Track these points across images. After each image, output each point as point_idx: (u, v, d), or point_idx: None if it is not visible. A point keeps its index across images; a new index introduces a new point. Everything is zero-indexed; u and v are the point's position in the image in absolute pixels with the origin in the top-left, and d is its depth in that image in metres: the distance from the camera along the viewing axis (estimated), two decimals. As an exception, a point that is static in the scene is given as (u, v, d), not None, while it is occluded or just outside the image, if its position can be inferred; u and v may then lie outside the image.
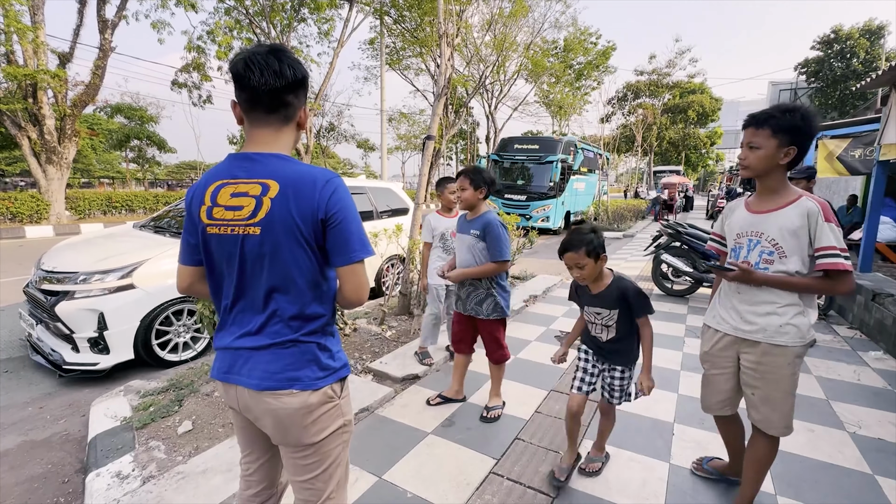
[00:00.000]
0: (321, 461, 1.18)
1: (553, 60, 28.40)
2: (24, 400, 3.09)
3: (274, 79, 1.06)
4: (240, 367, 1.14)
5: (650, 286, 6.18)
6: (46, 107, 11.73)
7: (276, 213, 1.05)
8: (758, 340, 1.64)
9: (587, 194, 16.41)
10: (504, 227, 2.53)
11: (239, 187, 1.08)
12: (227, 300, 1.15)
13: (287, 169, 1.08)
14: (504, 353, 2.71)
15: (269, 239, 1.06)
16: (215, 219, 1.09)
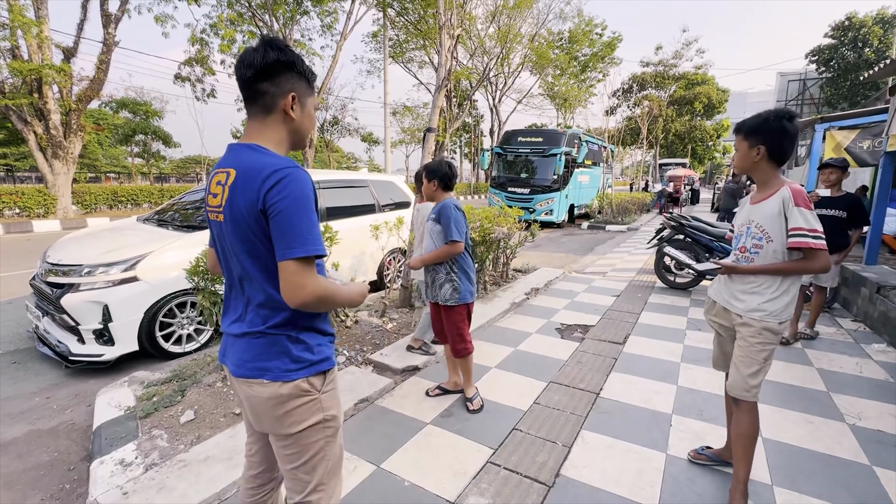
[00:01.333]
0: (301, 453, 1.17)
1: (558, 52, 28.13)
2: (32, 390, 3.15)
3: (245, 69, 1.08)
4: (227, 351, 1.22)
5: (653, 279, 6.15)
6: (52, 102, 11.80)
7: (231, 202, 1.06)
8: (739, 313, 1.87)
9: (591, 187, 16.30)
10: (459, 211, 2.58)
11: (219, 175, 1.12)
12: (226, 284, 1.25)
13: (248, 159, 1.07)
14: (466, 346, 2.65)
15: (229, 226, 1.09)
16: (209, 205, 1.17)
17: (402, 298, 4.55)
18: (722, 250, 5.22)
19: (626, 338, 3.91)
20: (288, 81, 1.12)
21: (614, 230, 12.99)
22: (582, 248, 9.96)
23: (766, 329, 1.79)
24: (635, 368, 3.29)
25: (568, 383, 3.03)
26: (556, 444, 2.33)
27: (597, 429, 2.49)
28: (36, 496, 2.06)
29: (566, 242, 10.82)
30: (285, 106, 1.13)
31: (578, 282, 6.07)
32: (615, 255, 8.74)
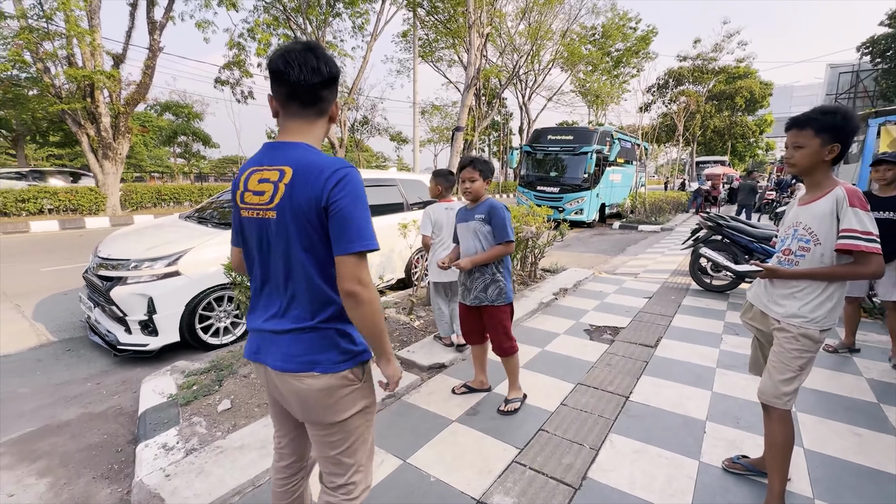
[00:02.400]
0: (345, 438, 1.25)
1: (590, 48, 27.51)
2: (84, 376, 3.37)
3: (311, 75, 1.11)
4: (266, 348, 1.22)
5: (687, 281, 5.95)
6: (102, 105, 12.52)
7: (288, 199, 1.09)
8: (777, 318, 1.79)
9: (624, 186, 15.88)
10: (507, 210, 2.57)
11: (263, 173, 1.15)
12: (256, 282, 1.25)
13: (304, 157, 1.12)
14: (513, 344, 2.65)
15: (283, 223, 1.11)
16: (246, 203, 1.18)
17: (429, 297, 4.58)
18: (763, 252, 4.99)
19: (658, 341, 3.81)
20: (336, 89, 1.23)
21: (647, 230, 12.62)
22: (613, 248, 9.73)
23: (804, 336, 1.71)
24: (667, 372, 3.20)
25: (596, 385, 2.98)
26: (583, 447, 2.30)
27: (626, 432, 2.44)
28: (88, 474, 2.21)
29: (596, 242, 10.60)
30: (333, 113, 1.24)
31: (609, 283, 5.94)
32: (648, 255, 8.50)
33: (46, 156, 29.79)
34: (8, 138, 18.44)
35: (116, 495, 2.05)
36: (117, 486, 2.11)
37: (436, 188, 3.45)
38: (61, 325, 4.39)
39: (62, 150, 26.80)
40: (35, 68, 12.31)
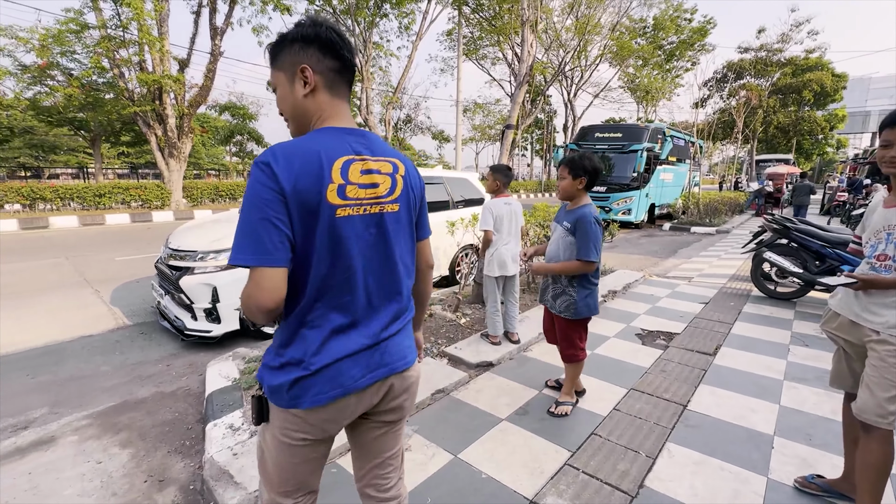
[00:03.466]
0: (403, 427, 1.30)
1: (641, 42, 26.43)
2: (156, 358, 3.65)
3: (353, 55, 1.07)
4: (387, 357, 1.11)
5: (748, 287, 5.60)
6: (169, 107, 13.46)
7: (407, 192, 1.13)
8: (876, 329, 1.64)
9: (675, 186, 15.15)
10: (598, 224, 2.36)
11: (367, 164, 1.04)
12: (349, 296, 1.04)
13: (395, 150, 1.15)
14: (575, 352, 2.57)
15: (403, 216, 1.12)
16: (351, 199, 1.00)
17: (475, 294, 4.59)
18: (837, 258, 4.60)
19: (717, 349, 3.61)
20: None
21: (701, 232, 11.98)
22: (663, 250, 9.32)
23: None
24: (728, 382, 3.03)
25: (651, 392, 2.87)
26: (638, 454, 2.22)
27: (684, 442, 2.34)
28: (164, 448, 2.39)
29: (645, 244, 10.19)
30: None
31: (660, 286, 5.70)
32: (702, 259, 8.07)
33: (118, 154, 32.40)
34: (87, 138, 20.22)
35: (190, 469, 2.21)
36: (189, 461, 2.27)
37: (494, 183, 3.44)
38: (135, 310, 4.77)
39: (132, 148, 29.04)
40: (111, 74, 13.41)
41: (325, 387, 1.02)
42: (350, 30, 16.83)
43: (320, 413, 1.04)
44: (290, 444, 1.06)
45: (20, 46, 12.79)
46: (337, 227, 0.99)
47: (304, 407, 1.01)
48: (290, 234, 0.94)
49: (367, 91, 17.98)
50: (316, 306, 1.01)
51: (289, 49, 1.03)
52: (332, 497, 1.93)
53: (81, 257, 7.45)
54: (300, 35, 1.01)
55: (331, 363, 1.01)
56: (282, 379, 1.00)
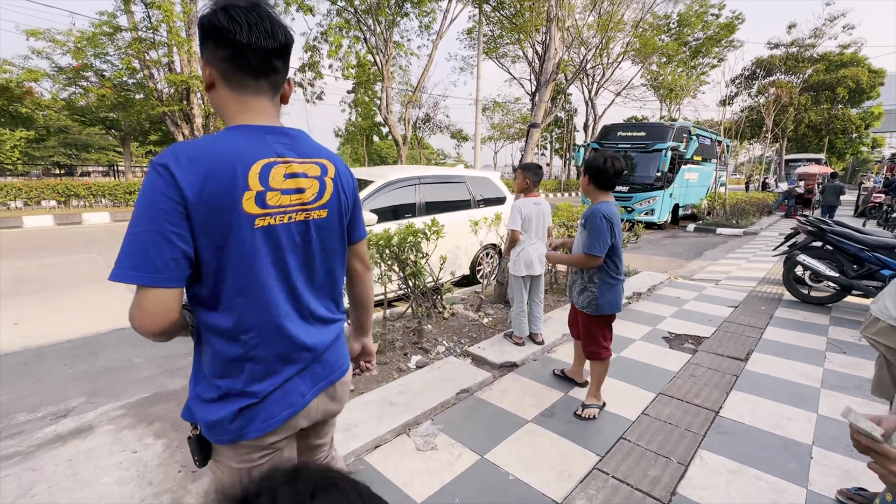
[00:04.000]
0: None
1: (665, 38, 25.84)
2: (185, 352, 3.73)
3: (265, 39, 0.88)
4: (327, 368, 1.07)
5: (780, 291, 5.42)
6: (196, 107, 13.79)
7: (338, 196, 1.03)
8: None
9: (700, 186, 14.77)
10: (606, 221, 2.37)
11: (292, 167, 0.93)
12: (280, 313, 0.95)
13: (324, 149, 1.05)
14: (597, 349, 2.57)
15: (335, 221, 1.04)
16: (269, 207, 0.89)
17: (497, 294, 4.57)
18: (876, 262, 4.41)
19: (749, 354, 3.50)
20: (289, 66, 0.99)
21: (727, 234, 11.66)
22: (688, 252, 9.10)
23: None
24: (761, 389, 2.93)
25: (680, 397, 2.80)
26: (669, 460, 2.17)
27: (717, 450, 2.27)
28: (195, 440, 2.45)
29: (669, 245, 9.97)
30: (286, 92, 1.01)
31: (686, 288, 5.56)
32: (729, 261, 7.85)
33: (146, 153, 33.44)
34: (117, 137, 20.93)
35: (221, 461, 2.25)
36: (220, 453, 2.32)
37: (524, 182, 3.39)
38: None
39: (159, 147, 29.92)
40: (141, 75, 13.83)
41: (275, 410, 0.95)
42: (371, 29, 16.96)
43: (271, 437, 0.96)
44: (237, 469, 0.97)
45: (57, 49, 13.30)
46: (255, 240, 0.88)
47: (251, 437, 0.93)
48: (189, 251, 0.83)
49: (387, 90, 18.08)
50: (246, 326, 0.90)
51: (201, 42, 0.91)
52: (361, 493, 1.94)
53: (113, 253, 7.67)
54: (199, 25, 0.89)
55: (279, 386, 0.95)
56: (222, 413, 0.90)
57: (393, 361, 3.14)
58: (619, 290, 2.51)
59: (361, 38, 17.51)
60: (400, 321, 3.80)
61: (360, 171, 5.55)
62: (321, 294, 1.05)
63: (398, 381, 2.86)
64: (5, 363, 3.42)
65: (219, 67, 0.90)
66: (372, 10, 16.51)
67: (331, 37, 16.00)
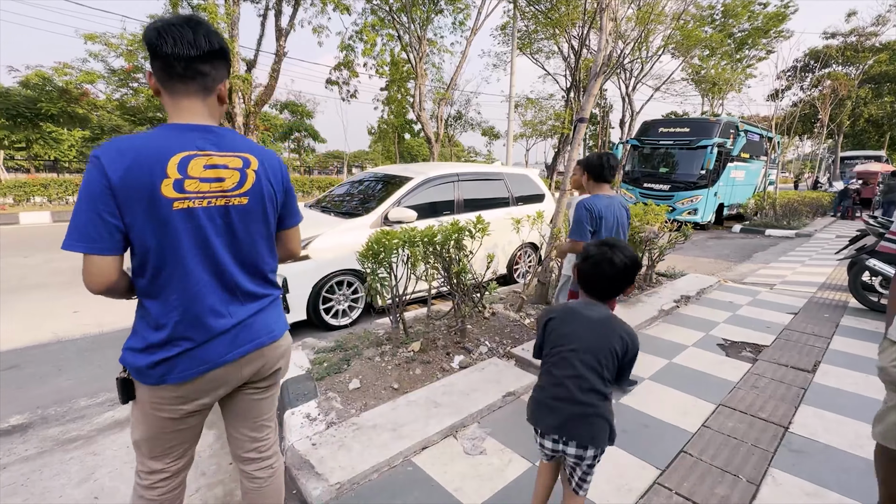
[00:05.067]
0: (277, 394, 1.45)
1: (709, 30, 24.64)
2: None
3: (187, 48, 1.06)
4: (252, 333, 1.23)
5: (844, 297, 5.03)
6: (237, 106, 14.22)
7: (261, 185, 1.19)
8: None
9: (747, 184, 14.02)
10: (587, 210, 2.57)
11: (212, 159, 1.11)
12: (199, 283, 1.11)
13: (250, 143, 1.21)
14: None
15: (256, 207, 1.19)
16: (188, 192, 1.07)
17: (538, 294, 4.44)
18: (961, 268, 4.01)
19: (816, 365, 3.25)
20: (224, 69, 1.17)
21: (777, 235, 11.00)
22: (735, 254, 8.64)
23: None
24: (834, 404, 2.70)
25: (744, 409, 2.62)
26: (738, 479, 2.02)
27: (791, 469, 2.09)
28: (245, 432, 2.48)
29: (713, 247, 9.50)
30: (221, 92, 1.19)
31: (738, 293, 5.25)
32: (783, 264, 7.38)
33: (189, 151, 34.95)
34: (164, 136, 22.01)
35: (270, 455, 2.26)
36: (269, 447, 2.33)
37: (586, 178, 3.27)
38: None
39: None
40: (188, 75, 14.37)
41: (191, 363, 1.13)
42: (405, 27, 17.01)
43: (188, 387, 1.15)
44: (159, 417, 1.17)
45: (111, 52, 14.01)
46: (174, 219, 1.06)
47: (171, 383, 1.13)
48: (120, 225, 1.02)
49: (419, 88, 18.09)
50: (177, 291, 1.10)
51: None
52: (409, 497, 1.89)
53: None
54: (143, 41, 1.09)
55: (198, 345, 1.13)
56: (146, 360, 1.11)
57: (436, 361, 3.09)
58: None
59: (395, 36, 17.60)
60: (441, 320, 3.75)
61: (397, 168, 5.54)
62: (248, 270, 1.22)
63: (442, 382, 2.80)
64: (67, 350, 3.59)
65: (157, 76, 1.10)
66: (406, 8, 16.54)
67: (365, 35, 16.13)
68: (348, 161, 34.76)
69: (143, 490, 1.26)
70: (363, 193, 5.22)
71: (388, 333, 3.49)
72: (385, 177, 5.24)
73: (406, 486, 1.95)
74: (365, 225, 4.25)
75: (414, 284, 3.37)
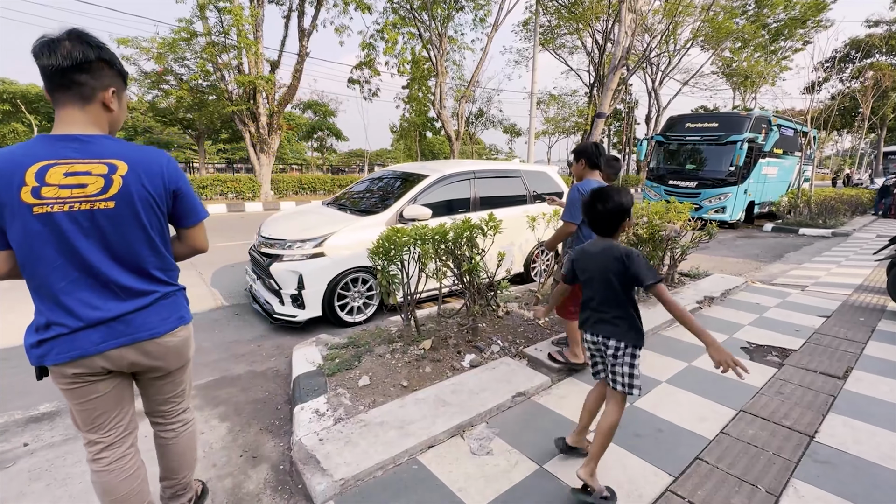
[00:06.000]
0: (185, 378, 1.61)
1: (741, 21, 23.67)
2: (248, 338, 3.91)
3: (62, 59, 1.15)
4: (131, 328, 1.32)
5: (882, 301, 4.75)
6: (262, 106, 14.54)
7: (128, 190, 1.24)
8: None
9: (780, 181, 13.42)
10: (580, 193, 2.63)
11: (74, 167, 1.18)
12: (66, 279, 1.22)
13: (126, 149, 1.26)
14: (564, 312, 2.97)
15: (125, 210, 1.24)
16: (45, 198, 1.15)
17: (553, 293, 4.36)
18: None
19: (848, 372, 3.07)
20: (107, 77, 1.25)
21: (812, 234, 10.51)
22: (765, 253, 8.29)
23: None
24: (866, 413, 2.55)
25: (766, 416, 2.50)
26: (756, 489, 1.92)
27: (815, 481, 1.99)
28: (256, 426, 2.52)
29: (742, 246, 9.14)
30: (105, 99, 1.26)
31: (766, 294, 5.03)
32: (817, 265, 7.04)
33: (217, 150, 35.98)
34: (192, 136, 22.69)
35: (279, 448, 2.30)
36: (279, 441, 2.37)
37: (606, 176, 3.23)
38: (231, 292, 5.18)
39: (228, 145, 32.11)
40: (214, 77, 14.79)
41: (65, 348, 1.25)
42: (426, 24, 17.02)
43: (67, 368, 1.27)
44: (67, 392, 1.33)
45: (142, 55, 14.53)
46: (34, 222, 1.16)
47: (49, 363, 1.26)
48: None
49: (440, 86, 18.08)
50: (42, 285, 1.22)
51: None
52: (412, 495, 1.88)
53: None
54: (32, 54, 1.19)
55: (70, 331, 1.24)
56: (32, 339, 1.26)
57: (446, 359, 3.07)
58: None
59: (416, 34, 17.62)
60: (454, 318, 3.73)
61: (413, 166, 5.54)
62: (127, 268, 1.30)
63: (451, 380, 2.78)
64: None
65: (44, 87, 1.21)
66: (427, 5, 16.54)
67: (387, 34, 16.21)
68: (370, 159, 35.08)
69: (91, 464, 1.42)
70: (379, 191, 5.24)
71: (399, 331, 3.49)
72: (401, 174, 5.25)
73: (410, 485, 1.94)
74: (380, 222, 4.26)
75: (426, 282, 3.36)
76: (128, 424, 1.48)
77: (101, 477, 1.40)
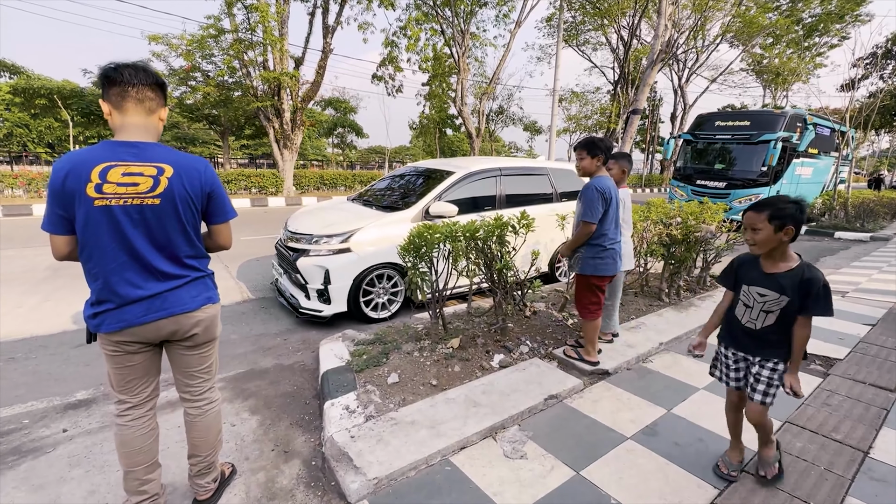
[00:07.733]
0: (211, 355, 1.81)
1: (773, 16, 22.83)
2: (275, 331, 3.93)
3: (143, 77, 1.45)
4: (167, 304, 1.54)
5: (931, 309, 4.50)
6: (286, 102, 14.71)
7: (172, 189, 1.47)
8: None
9: (815, 182, 12.90)
10: (598, 192, 2.67)
11: (130, 168, 1.42)
12: (115, 261, 1.46)
13: (173, 155, 1.51)
14: (582, 309, 2.92)
15: (168, 207, 1.47)
16: (106, 193, 1.39)
17: (581, 294, 4.26)
18: None
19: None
20: (164, 98, 1.55)
21: (849, 238, 10.07)
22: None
23: None
24: (924, 429, 2.40)
25: (814, 429, 2.38)
26: (810, 507, 1.82)
27: (873, 501, 1.87)
28: (287, 419, 2.52)
29: (774, 249, 8.81)
30: (161, 114, 1.55)
31: (805, 300, 4.81)
32: (856, 270, 6.73)
33: (240, 146, 36.64)
34: (217, 131, 23.13)
35: (310, 444, 2.29)
36: (310, 436, 2.36)
37: (620, 172, 3.17)
38: (257, 285, 5.23)
39: (251, 141, 32.65)
40: (240, 73, 15.02)
41: (114, 319, 1.49)
42: (448, 21, 16.92)
43: (116, 336, 1.52)
44: (110, 356, 1.57)
45: (171, 52, 14.86)
46: (95, 212, 1.40)
47: (103, 332, 1.51)
48: (65, 215, 1.41)
49: (462, 83, 17.98)
50: (98, 266, 1.46)
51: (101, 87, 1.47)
52: (447, 498, 1.84)
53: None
54: (99, 77, 1.46)
55: (117, 306, 1.48)
56: (89, 312, 1.52)
57: (475, 358, 3.02)
58: (608, 257, 2.81)
59: (439, 31, 17.55)
60: (482, 317, 3.68)
61: (439, 163, 5.49)
62: (165, 255, 1.53)
63: (481, 380, 2.74)
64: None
65: (112, 101, 1.44)
66: (450, 2, 16.45)
67: (409, 30, 16.19)
68: (389, 156, 35.20)
69: (116, 419, 1.65)
70: (404, 187, 5.21)
71: (426, 328, 3.46)
72: (426, 171, 5.21)
73: (444, 487, 1.90)
74: (406, 219, 4.23)
75: (455, 280, 3.31)
76: (151, 392, 1.71)
77: (123, 430, 1.64)
